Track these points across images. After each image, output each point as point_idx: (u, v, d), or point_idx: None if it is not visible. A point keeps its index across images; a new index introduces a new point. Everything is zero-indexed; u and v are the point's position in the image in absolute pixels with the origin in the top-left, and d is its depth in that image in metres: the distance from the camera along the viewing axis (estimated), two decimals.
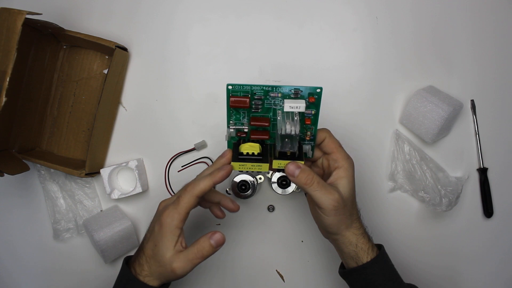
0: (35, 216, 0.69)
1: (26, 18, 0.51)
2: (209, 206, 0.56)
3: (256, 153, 0.48)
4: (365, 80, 0.66)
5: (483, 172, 0.65)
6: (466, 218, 0.66)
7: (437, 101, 0.60)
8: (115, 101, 0.67)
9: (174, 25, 0.67)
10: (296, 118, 0.47)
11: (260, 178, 0.63)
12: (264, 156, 0.49)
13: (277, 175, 0.62)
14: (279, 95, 0.48)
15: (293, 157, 0.48)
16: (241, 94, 0.48)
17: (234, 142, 0.50)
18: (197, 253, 0.48)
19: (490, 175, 0.65)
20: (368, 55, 0.66)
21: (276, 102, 0.48)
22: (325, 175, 0.53)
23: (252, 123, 0.49)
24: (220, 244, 0.49)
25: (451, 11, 0.65)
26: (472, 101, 0.65)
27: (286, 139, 0.47)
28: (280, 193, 0.62)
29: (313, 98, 0.48)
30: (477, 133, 0.65)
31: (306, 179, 0.48)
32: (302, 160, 0.48)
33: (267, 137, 0.49)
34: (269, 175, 0.63)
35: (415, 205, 0.66)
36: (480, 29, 0.65)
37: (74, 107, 0.68)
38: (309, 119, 0.49)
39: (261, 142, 0.50)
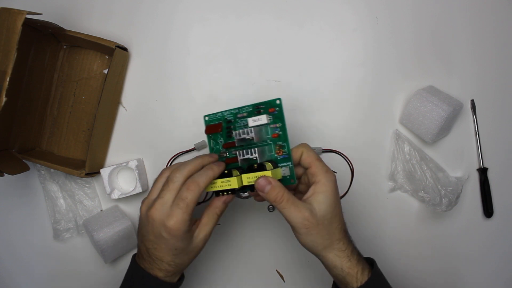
0: (35, 216, 0.69)
1: (26, 18, 0.51)
2: None
3: (226, 172, 0.49)
4: (365, 80, 0.66)
5: (483, 172, 0.65)
6: (466, 218, 0.66)
7: (437, 101, 0.60)
8: (115, 101, 0.67)
9: (174, 25, 0.67)
10: (253, 128, 0.49)
11: None
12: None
13: None
14: (245, 114, 0.51)
15: (260, 169, 0.48)
16: (215, 121, 0.53)
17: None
18: (213, 214, 0.50)
19: (490, 175, 0.65)
20: (368, 55, 0.66)
21: (245, 123, 0.51)
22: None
23: (224, 147, 0.52)
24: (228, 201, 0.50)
25: (451, 11, 0.65)
26: (472, 101, 0.65)
27: (248, 149, 0.49)
28: None
29: (273, 109, 0.49)
30: (477, 133, 0.65)
31: (275, 196, 0.46)
32: (267, 170, 0.47)
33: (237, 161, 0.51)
34: None
35: (415, 205, 0.66)
36: (480, 29, 0.65)
37: (74, 107, 0.68)
38: (276, 134, 0.49)
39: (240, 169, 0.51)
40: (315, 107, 0.66)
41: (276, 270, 0.68)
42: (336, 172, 0.65)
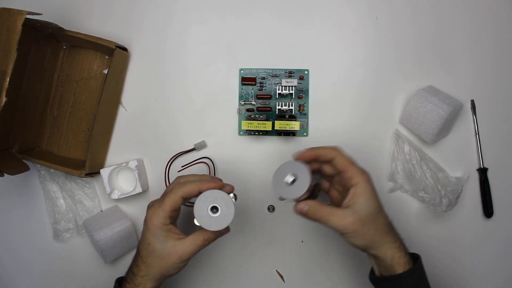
0: (35, 216, 0.69)
1: (26, 18, 0.51)
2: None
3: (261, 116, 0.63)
4: (365, 80, 0.66)
5: (483, 172, 0.65)
6: (466, 218, 0.66)
7: (437, 101, 0.60)
8: (115, 101, 0.67)
9: (174, 25, 0.67)
10: (294, 87, 0.64)
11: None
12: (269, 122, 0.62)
13: None
14: (278, 75, 0.65)
15: (291, 118, 0.64)
16: (250, 75, 0.65)
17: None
18: (200, 237, 0.51)
19: (490, 175, 0.65)
20: (368, 55, 0.66)
21: (276, 82, 0.65)
22: (343, 193, 0.52)
23: (258, 97, 0.65)
24: (222, 234, 0.54)
25: (451, 11, 0.65)
26: (472, 101, 0.65)
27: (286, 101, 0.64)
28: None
29: (302, 76, 0.65)
30: (477, 133, 0.65)
31: (314, 213, 0.49)
32: (296, 120, 0.64)
33: (269, 109, 0.65)
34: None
35: (415, 205, 0.66)
36: (480, 29, 0.65)
37: (74, 107, 0.68)
38: (301, 96, 0.65)
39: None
40: (315, 107, 0.66)
41: (276, 270, 0.68)
42: None
